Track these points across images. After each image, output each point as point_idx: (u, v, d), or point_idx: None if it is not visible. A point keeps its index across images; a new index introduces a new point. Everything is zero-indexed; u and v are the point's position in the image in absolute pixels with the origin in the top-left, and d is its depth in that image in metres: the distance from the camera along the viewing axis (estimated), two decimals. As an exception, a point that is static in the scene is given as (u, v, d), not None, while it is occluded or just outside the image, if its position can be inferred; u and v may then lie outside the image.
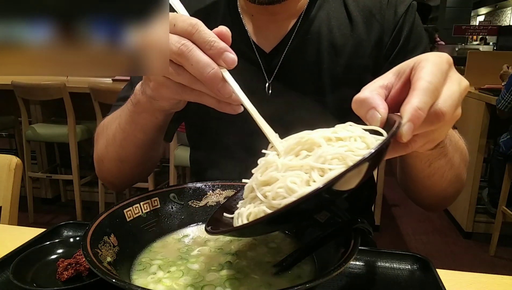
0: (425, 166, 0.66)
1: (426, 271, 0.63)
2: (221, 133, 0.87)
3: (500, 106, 2.51)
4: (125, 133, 0.73)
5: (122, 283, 0.41)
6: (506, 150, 2.63)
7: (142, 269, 0.54)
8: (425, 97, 0.43)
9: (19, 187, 1.09)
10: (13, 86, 2.71)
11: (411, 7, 0.82)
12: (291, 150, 0.47)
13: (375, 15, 0.81)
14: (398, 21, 0.80)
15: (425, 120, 0.43)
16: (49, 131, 2.87)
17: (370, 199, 0.98)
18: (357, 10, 0.81)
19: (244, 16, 0.84)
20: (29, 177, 2.97)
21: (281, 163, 0.45)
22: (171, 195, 0.65)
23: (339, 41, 0.81)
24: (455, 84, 0.46)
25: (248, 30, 0.83)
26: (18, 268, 0.58)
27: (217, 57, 0.51)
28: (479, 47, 8.76)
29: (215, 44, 0.50)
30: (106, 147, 0.79)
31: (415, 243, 2.91)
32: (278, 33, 0.83)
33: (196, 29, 0.50)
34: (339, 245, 0.50)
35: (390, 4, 0.81)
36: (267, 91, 0.82)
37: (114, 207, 0.58)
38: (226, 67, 0.52)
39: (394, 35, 0.80)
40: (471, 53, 3.40)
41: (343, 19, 0.82)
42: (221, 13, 0.85)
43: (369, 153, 0.37)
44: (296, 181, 0.42)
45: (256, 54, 0.82)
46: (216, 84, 0.51)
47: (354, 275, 0.63)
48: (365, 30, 0.81)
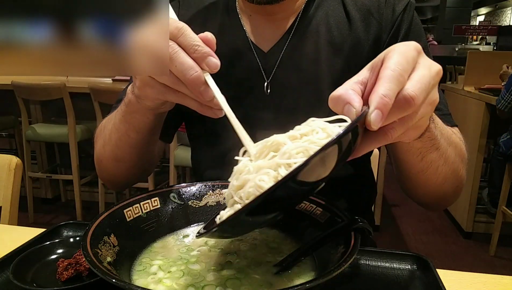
0: (417, 160, 0.66)
1: (426, 271, 0.63)
2: (221, 133, 0.87)
3: (500, 106, 2.50)
4: (119, 133, 0.73)
5: (122, 283, 0.41)
6: (506, 150, 2.63)
7: (143, 269, 0.54)
8: (390, 84, 0.44)
9: (19, 187, 1.09)
10: (13, 86, 2.71)
11: (410, 5, 0.82)
12: (260, 153, 0.50)
13: (373, 14, 0.81)
14: (396, 19, 0.80)
15: (395, 106, 0.44)
16: (49, 131, 2.87)
17: (370, 199, 0.98)
18: (355, 9, 0.82)
19: (243, 16, 0.85)
20: (29, 177, 2.97)
21: (253, 166, 0.48)
22: (171, 195, 0.65)
23: (338, 40, 0.81)
24: (425, 69, 0.47)
25: (246, 30, 0.84)
26: (18, 268, 0.58)
27: (201, 61, 0.52)
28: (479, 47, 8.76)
29: (199, 48, 0.52)
30: (103, 147, 0.80)
31: (415, 243, 2.91)
32: (276, 33, 0.83)
33: (182, 32, 0.52)
34: (339, 245, 0.50)
35: (388, 3, 0.81)
36: (265, 90, 0.83)
37: (114, 207, 0.58)
38: (209, 71, 0.53)
39: (393, 33, 0.81)
40: (471, 53, 3.40)
41: (342, 18, 0.82)
42: (220, 13, 0.86)
43: (331, 139, 0.39)
44: (265, 179, 0.44)
45: (255, 53, 0.83)
46: (198, 87, 0.53)
47: (354, 275, 0.63)
48: (364, 28, 0.81)
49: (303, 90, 0.82)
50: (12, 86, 2.71)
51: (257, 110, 0.84)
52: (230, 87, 0.82)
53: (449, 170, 0.71)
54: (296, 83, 0.82)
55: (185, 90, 0.54)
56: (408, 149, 0.64)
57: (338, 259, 0.46)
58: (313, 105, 0.82)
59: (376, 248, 0.69)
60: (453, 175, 0.73)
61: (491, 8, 16.10)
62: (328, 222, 0.58)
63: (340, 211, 0.57)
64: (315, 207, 0.61)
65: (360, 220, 0.51)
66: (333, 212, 0.58)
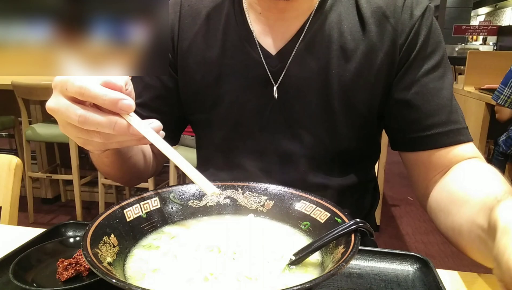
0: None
1: (426, 271, 0.63)
2: (226, 136, 0.86)
3: (500, 102, 2.49)
4: (95, 156, 0.74)
5: (122, 283, 0.41)
6: (506, 149, 2.63)
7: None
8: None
9: (19, 187, 1.09)
10: (13, 86, 2.71)
11: (428, 9, 0.77)
12: None
13: (389, 18, 0.76)
14: (414, 24, 0.76)
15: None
16: (49, 131, 2.87)
17: (373, 204, 0.96)
18: (369, 12, 0.77)
19: (251, 15, 0.81)
20: (29, 177, 2.97)
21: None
22: (171, 195, 0.65)
23: (350, 45, 0.77)
24: None
25: (254, 31, 0.80)
26: (18, 268, 0.58)
27: (114, 107, 0.53)
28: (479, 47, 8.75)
29: (107, 97, 0.52)
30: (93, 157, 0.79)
31: (415, 243, 2.91)
32: (285, 34, 0.79)
33: (84, 89, 0.52)
34: (339, 245, 0.50)
35: (406, 7, 0.77)
36: (272, 94, 0.79)
37: (114, 207, 0.57)
38: (125, 113, 0.54)
39: (410, 39, 0.76)
40: (471, 53, 3.40)
41: (355, 21, 0.78)
42: (225, 12, 0.82)
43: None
44: None
45: (261, 56, 0.79)
46: (126, 132, 0.54)
47: (354, 275, 0.63)
48: (378, 34, 0.76)
49: (312, 96, 0.79)
50: (12, 86, 2.71)
51: (264, 115, 0.81)
52: (235, 90, 0.81)
53: None
54: (305, 89, 0.79)
55: (119, 137, 0.56)
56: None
57: (338, 259, 0.46)
58: (321, 113, 0.79)
59: (376, 248, 0.69)
60: None
61: (491, 8, 16.09)
62: (328, 222, 0.58)
63: (341, 211, 0.57)
64: (315, 207, 0.61)
65: (360, 221, 0.51)
66: (333, 213, 0.58)
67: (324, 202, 0.60)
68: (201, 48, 0.82)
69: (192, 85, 0.84)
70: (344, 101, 0.79)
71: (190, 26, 0.84)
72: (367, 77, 0.78)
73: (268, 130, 0.82)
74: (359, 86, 0.78)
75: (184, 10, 0.85)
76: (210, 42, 0.82)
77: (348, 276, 0.63)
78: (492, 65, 3.10)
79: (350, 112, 0.79)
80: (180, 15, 0.85)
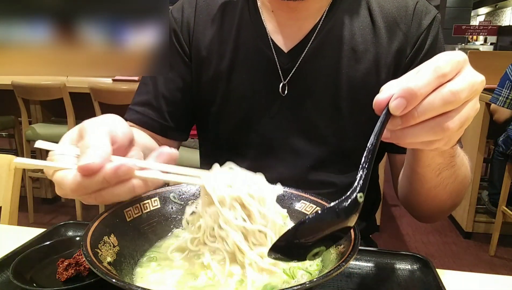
0: (434, 176, 0.66)
1: (426, 271, 0.63)
2: (233, 130, 0.86)
3: (499, 104, 2.50)
4: None
5: (122, 283, 0.41)
6: (506, 149, 2.63)
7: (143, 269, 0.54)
8: (426, 77, 0.44)
9: (19, 187, 1.09)
10: (13, 86, 2.71)
11: (436, 19, 0.80)
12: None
13: (399, 24, 0.79)
14: (421, 33, 0.79)
15: (439, 97, 0.44)
16: (49, 131, 2.87)
17: (374, 204, 0.96)
18: (381, 16, 0.79)
19: (264, 13, 0.82)
20: (29, 177, 2.97)
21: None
22: (171, 195, 0.65)
23: (361, 47, 0.79)
24: (469, 74, 0.46)
25: (267, 28, 0.82)
26: (18, 268, 0.58)
27: (116, 177, 0.47)
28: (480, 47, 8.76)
29: (122, 169, 0.47)
30: None
31: (415, 243, 2.91)
32: (298, 33, 0.81)
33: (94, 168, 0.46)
34: (339, 245, 0.50)
35: (416, 15, 0.79)
36: (281, 91, 0.81)
37: (114, 207, 0.57)
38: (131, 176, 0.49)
39: (417, 47, 0.79)
40: (471, 53, 3.41)
41: (366, 25, 0.80)
42: (239, 10, 0.84)
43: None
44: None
45: (274, 53, 0.81)
46: (147, 186, 0.50)
47: (354, 275, 0.63)
48: (388, 39, 0.79)
49: (321, 96, 0.80)
50: (12, 86, 2.71)
51: (271, 111, 0.82)
52: (245, 84, 0.83)
53: (455, 188, 0.71)
54: (314, 88, 0.80)
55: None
56: (429, 163, 0.63)
57: (338, 259, 0.46)
58: (329, 111, 0.81)
59: (376, 248, 0.70)
60: (457, 194, 0.74)
61: (491, 8, 16.09)
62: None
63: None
64: (315, 207, 0.61)
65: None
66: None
67: (324, 202, 0.60)
68: (215, 43, 0.84)
69: (205, 78, 0.86)
70: (352, 101, 0.80)
71: (205, 21, 0.85)
72: (375, 79, 0.79)
73: (275, 126, 0.83)
74: (367, 87, 0.79)
75: (200, 5, 0.86)
76: (224, 37, 0.83)
77: (348, 276, 0.63)
78: (492, 65, 3.10)
79: (358, 112, 0.81)
80: (195, 10, 0.86)
